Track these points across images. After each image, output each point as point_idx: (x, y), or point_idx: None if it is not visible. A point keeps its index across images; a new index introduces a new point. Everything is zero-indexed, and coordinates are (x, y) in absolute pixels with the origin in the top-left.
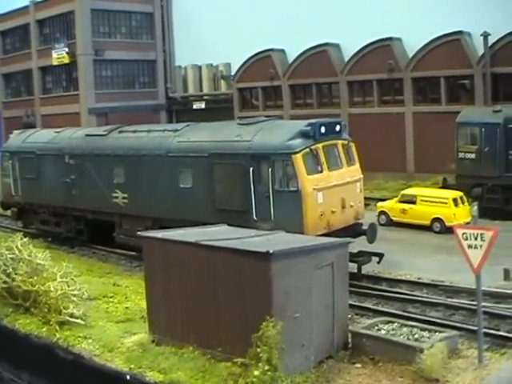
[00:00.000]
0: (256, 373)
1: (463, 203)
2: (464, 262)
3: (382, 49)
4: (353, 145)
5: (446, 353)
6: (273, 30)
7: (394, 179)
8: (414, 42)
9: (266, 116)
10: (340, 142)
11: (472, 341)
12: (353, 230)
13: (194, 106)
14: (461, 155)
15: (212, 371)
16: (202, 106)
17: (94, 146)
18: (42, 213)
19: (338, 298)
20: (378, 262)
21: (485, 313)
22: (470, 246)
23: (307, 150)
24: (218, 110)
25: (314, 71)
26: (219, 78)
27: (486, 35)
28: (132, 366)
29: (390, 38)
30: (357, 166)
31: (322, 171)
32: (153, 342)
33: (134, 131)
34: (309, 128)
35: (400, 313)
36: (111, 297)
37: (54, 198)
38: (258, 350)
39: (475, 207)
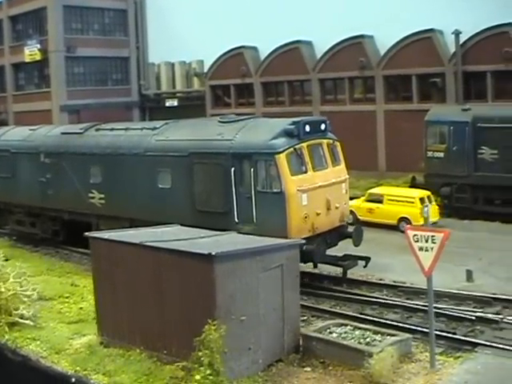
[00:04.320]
0: (197, 377)
1: (430, 202)
2: None
3: (354, 46)
4: (338, 144)
5: (397, 357)
6: (246, 27)
7: (366, 178)
8: (386, 39)
9: (237, 114)
10: (325, 141)
11: (427, 344)
12: (338, 233)
13: (167, 104)
14: (429, 154)
15: (157, 374)
16: (175, 103)
17: (70, 145)
18: (18, 213)
19: (288, 301)
20: (365, 266)
21: (443, 315)
22: (420, 249)
23: (291, 149)
24: (191, 107)
25: (285, 69)
26: (192, 75)
27: (457, 33)
28: (78, 368)
29: (361, 36)
30: (342, 165)
31: (306, 172)
32: (101, 343)
33: (112, 129)
34: (293, 127)
35: (356, 315)
36: (67, 297)
37: (29, 198)
38: (200, 353)
39: (426, 209)
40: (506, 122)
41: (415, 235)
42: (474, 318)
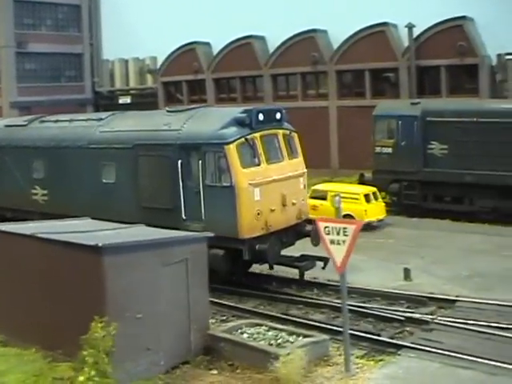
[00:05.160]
0: (81, 378)
1: (376, 199)
2: (366, 261)
3: (306, 41)
4: (295, 135)
5: (310, 359)
6: (199, 22)
7: (319, 176)
8: (340, 33)
9: None
10: (281, 131)
11: (351, 346)
12: (295, 231)
13: (120, 101)
14: (377, 149)
15: (48, 375)
16: (128, 100)
17: (13, 137)
18: None
19: (195, 298)
20: (323, 268)
21: (371, 315)
22: (332, 242)
23: (242, 139)
24: (144, 104)
25: (237, 64)
26: (145, 71)
27: (410, 26)
28: None
29: (314, 30)
30: (300, 158)
31: (259, 164)
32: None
33: (56, 121)
34: (244, 115)
35: (277, 315)
36: None
37: None
38: (85, 353)
39: (337, 198)
40: (457, 115)
41: (326, 227)
42: (402, 318)
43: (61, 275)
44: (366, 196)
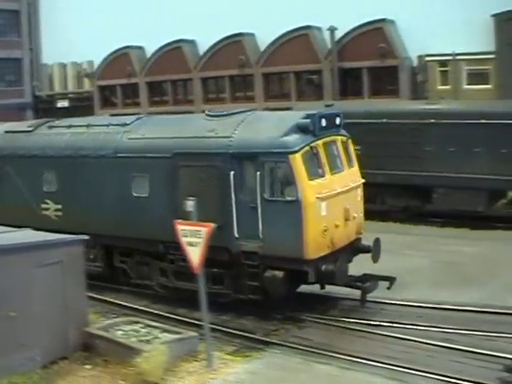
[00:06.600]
0: None
1: None
2: None
3: (234, 44)
4: (351, 142)
5: (175, 355)
6: (134, 27)
7: None
8: (268, 37)
9: (123, 115)
10: (339, 138)
11: (221, 342)
12: (354, 248)
13: (58, 105)
14: None
15: None
16: (66, 104)
17: (16, 146)
18: None
19: (72, 298)
20: (389, 288)
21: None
22: (189, 244)
23: (307, 148)
24: (81, 108)
25: (169, 68)
26: (83, 75)
27: (332, 29)
28: None
29: (241, 34)
30: (356, 167)
31: (323, 175)
32: None
33: (69, 126)
34: (308, 121)
35: (162, 313)
36: None
37: None
38: None
39: (191, 202)
40: (367, 117)
41: (183, 230)
42: (280, 316)
43: None
44: None
